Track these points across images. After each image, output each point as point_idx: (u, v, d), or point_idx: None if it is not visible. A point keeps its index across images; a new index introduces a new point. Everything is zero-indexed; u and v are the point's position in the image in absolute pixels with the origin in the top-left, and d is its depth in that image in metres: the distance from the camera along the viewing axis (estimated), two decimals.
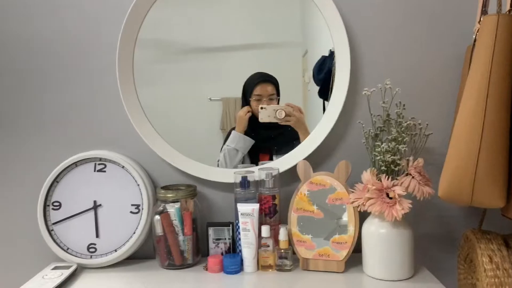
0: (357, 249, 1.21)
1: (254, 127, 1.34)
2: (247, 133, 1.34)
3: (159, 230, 1.26)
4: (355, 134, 1.34)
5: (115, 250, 1.30)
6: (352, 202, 1.19)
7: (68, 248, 1.31)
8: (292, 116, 1.32)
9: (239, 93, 1.33)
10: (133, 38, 1.29)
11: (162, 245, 1.27)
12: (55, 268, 1.26)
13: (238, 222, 1.25)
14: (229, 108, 1.34)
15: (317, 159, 1.33)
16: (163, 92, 1.34)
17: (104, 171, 1.33)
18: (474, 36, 1.16)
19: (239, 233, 1.26)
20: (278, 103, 1.33)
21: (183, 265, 1.28)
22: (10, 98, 1.35)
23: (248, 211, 1.22)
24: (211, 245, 1.31)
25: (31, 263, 1.36)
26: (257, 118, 1.32)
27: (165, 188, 1.32)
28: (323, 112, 1.33)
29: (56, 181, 1.31)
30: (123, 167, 1.32)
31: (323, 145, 1.32)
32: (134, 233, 1.30)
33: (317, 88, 1.33)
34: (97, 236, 1.31)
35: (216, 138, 1.35)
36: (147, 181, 1.33)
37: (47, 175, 1.30)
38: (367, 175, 1.19)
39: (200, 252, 1.33)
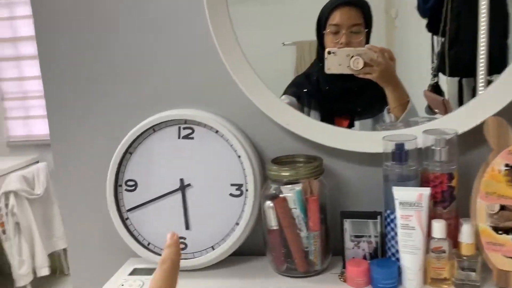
0: None
1: (326, 76, 0.91)
2: (315, 87, 0.95)
3: (272, 222, 0.88)
4: None
5: (212, 248, 0.94)
6: None
7: (149, 244, 0.97)
8: (375, 65, 0.87)
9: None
10: None
11: (277, 243, 0.89)
12: (134, 272, 0.93)
13: (392, 212, 0.83)
14: (304, 53, 0.96)
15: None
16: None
17: (192, 138, 0.95)
18: None
19: (391, 228, 0.85)
20: (367, 41, 0.89)
21: (309, 273, 0.89)
22: (69, 46, 1.00)
23: (411, 198, 0.80)
24: (348, 244, 0.90)
25: (104, 259, 1.04)
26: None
27: (278, 162, 0.92)
28: (432, 51, 0.92)
29: (128, 152, 0.96)
30: (217, 131, 0.93)
31: None
32: (238, 224, 0.93)
33: (410, 24, 0.93)
34: (187, 227, 0.96)
35: None
36: (251, 152, 0.94)
37: (116, 145, 0.95)
38: None
39: (330, 251, 0.93)
